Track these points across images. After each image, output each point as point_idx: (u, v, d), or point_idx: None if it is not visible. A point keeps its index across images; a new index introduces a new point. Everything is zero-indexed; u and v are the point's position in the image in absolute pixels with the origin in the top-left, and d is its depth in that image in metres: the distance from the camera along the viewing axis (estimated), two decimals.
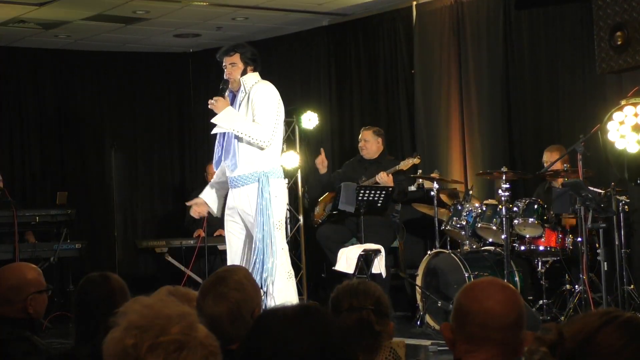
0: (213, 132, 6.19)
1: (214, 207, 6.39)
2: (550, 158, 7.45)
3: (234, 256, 6.21)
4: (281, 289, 5.97)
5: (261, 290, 3.20)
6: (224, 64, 6.19)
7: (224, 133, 6.16)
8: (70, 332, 6.71)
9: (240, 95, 6.15)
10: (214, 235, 9.23)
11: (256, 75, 6.20)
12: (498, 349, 2.34)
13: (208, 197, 6.39)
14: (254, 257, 5.96)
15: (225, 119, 6.05)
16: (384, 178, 8.00)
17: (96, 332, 3.16)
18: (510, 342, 2.34)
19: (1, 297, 3.50)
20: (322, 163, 8.38)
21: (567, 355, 1.70)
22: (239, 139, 6.05)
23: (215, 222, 8.82)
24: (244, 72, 6.15)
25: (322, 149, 8.53)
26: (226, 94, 6.22)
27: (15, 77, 10.41)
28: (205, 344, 1.81)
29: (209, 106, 6.11)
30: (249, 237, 6.15)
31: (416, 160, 8.19)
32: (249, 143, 6.04)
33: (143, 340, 1.79)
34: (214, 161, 6.33)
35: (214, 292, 2.98)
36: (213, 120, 6.09)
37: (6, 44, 10.07)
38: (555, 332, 1.74)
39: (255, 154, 6.07)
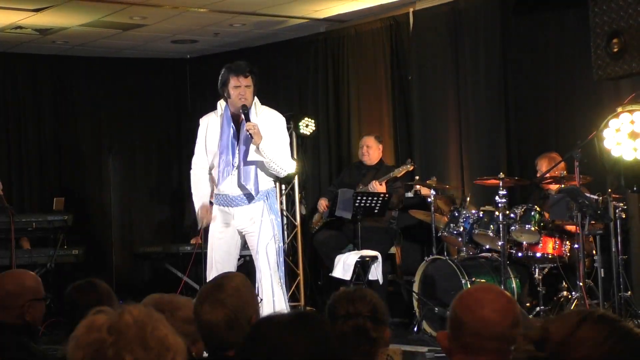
0: (250, 158, 6.01)
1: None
2: (541, 166, 7.45)
3: (220, 265, 6.19)
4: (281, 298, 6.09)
5: (258, 298, 3.18)
6: (236, 84, 5.98)
7: (241, 155, 6.03)
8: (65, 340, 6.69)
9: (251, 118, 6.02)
10: None
11: (256, 97, 6.16)
12: (495, 357, 2.33)
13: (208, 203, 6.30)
14: (264, 271, 6.02)
15: (269, 147, 5.98)
16: (377, 187, 8.00)
17: None
18: (507, 350, 2.33)
19: None
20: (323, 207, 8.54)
21: (553, 350, 1.72)
22: (259, 165, 6.03)
23: None
24: (253, 96, 6.08)
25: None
26: (221, 113, 6.09)
27: (13, 83, 10.40)
28: None
29: (250, 131, 5.87)
30: (236, 248, 6.23)
31: (410, 167, 8.20)
32: (269, 170, 6.06)
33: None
34: (218, 176, 6.10)
35: (211, 298, 2.97)
36: (262, 147, 5.92)
37: (3, 50, 10.07)
38: (540, 328, 1.76)
39: (266, 176, 6.13)
